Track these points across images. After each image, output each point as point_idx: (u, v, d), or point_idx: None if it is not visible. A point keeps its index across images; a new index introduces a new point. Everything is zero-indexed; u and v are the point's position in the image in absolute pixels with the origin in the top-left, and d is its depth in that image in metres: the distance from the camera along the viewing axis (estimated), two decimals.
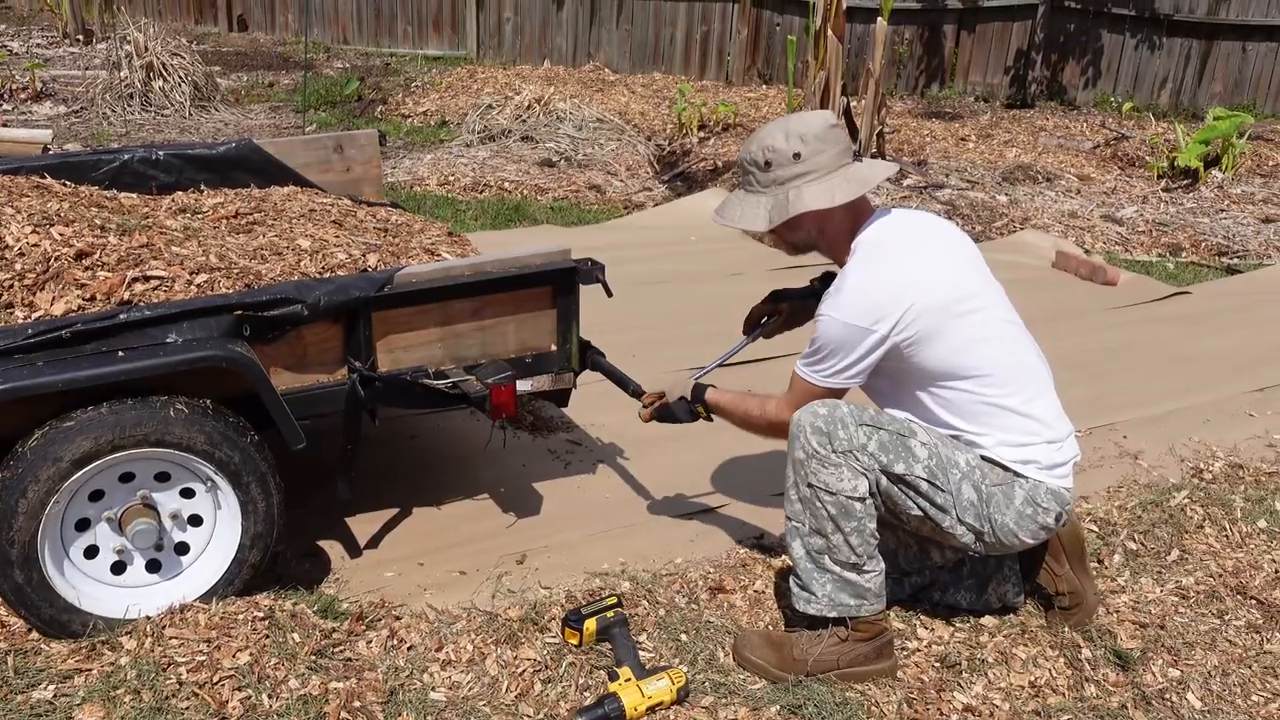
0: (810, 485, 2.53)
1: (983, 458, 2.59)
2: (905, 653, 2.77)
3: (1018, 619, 2.90)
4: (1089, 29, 11.06)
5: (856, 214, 2.63)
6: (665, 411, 2.98)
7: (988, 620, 2.89)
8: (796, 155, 2.54)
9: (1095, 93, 11.22)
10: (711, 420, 2.96)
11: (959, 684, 2.66)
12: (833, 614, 2.61)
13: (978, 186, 7.96)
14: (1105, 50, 11.11)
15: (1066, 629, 2.85)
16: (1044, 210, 7.47)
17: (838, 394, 2.62)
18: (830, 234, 2.64)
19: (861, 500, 2.52)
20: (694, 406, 2.92)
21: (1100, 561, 3.20)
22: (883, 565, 2.62)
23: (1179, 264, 6.58)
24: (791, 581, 2.67)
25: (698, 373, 3.05)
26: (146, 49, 9.37)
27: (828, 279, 2.97)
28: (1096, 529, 3.36)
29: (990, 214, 7.31)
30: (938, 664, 2.73)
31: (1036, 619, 2.91)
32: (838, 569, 2.57)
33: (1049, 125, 10.20)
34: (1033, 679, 2.69)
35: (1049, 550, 2.85)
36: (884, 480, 2.54)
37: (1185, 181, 8.23)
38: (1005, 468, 2.58)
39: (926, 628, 2.86)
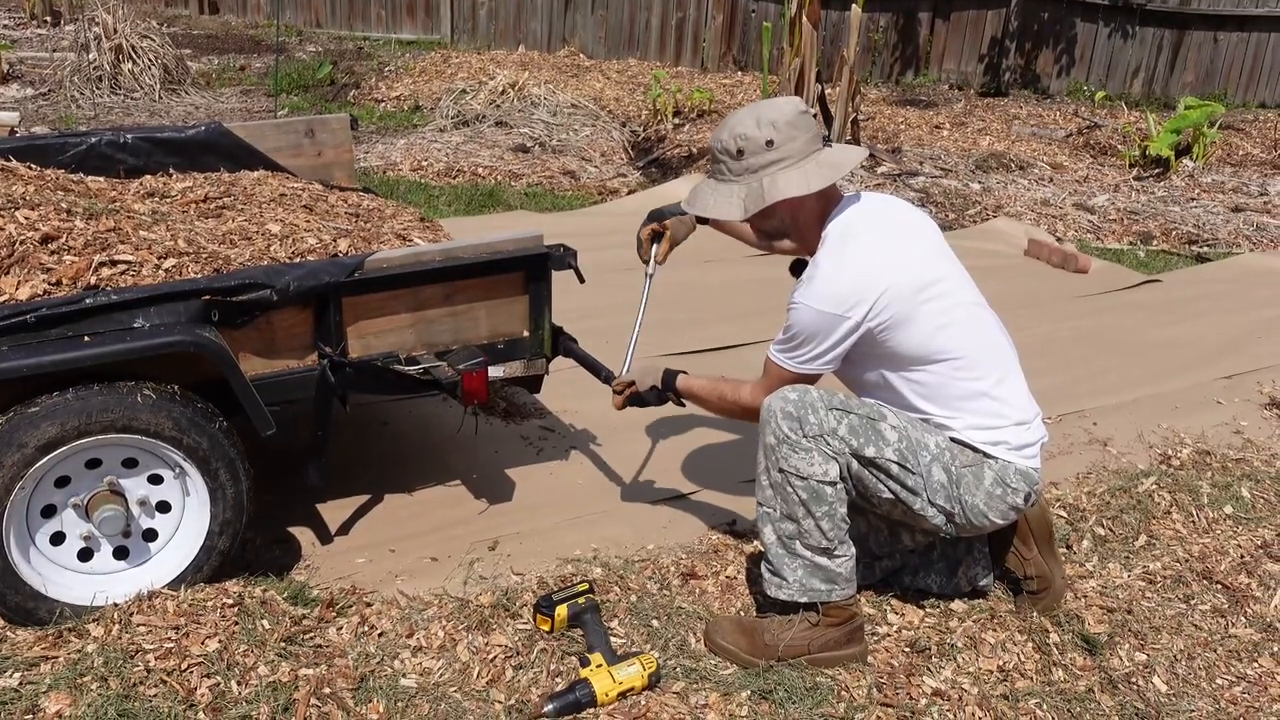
0: (781, 470, 2.54)
1: (953, 439, 2.61)
2: (875, 638, 2.78)
3: (987, 604, 2.92)
4: (1063, 18, 11.11)
5: (827, 201, 2.64)
6: (636, 398, 3.00)
7: (957, 605, 2.91)
8: (769, 142, 2.54)
9: (1068, 81, 11.28)
10: (684, 405, 2.96)
11: (929, 668, 2.68)
12: (804, 599, 2.62)
13: (951, 174, 7.99)
14: (1079, 39, 11.17)
15: (1035, 614, 2.87)
16: (1017, 198, 7.51)
17: (811, 379, 2.63)
18: (802, 221, 2.65)
19: (833, 485, 2.53)
20: (666, 394, 2.93)
21: (1069, 547, 3.23)
22: (854, 550, 2.64)
23: (1150, 252, 6.64)
24: (763, 567, 2.68)
25: (629, 351, 3.11)
26: (115, 31, 9.25)
27: (799, 267, 2.98)
28: (1066, 515, 3.39)
29: (963, 202, 7.35)
30: (908, 649, 2.75)
31: (1005, 604, 2.93)
32: (809, 554, 2.58)
33: (1023, 114, 10.25)
34: (1001, 663, 2.71)
35: (1017, 534, 2.87)
36: (855, 464, 2.55)
37: (1156, 170, 8.29)
38: (975, 449, 2.60)
39: (897, 613, 2.88)
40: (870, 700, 2.56)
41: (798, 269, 2.98)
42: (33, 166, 3.41)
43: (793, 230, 2.68)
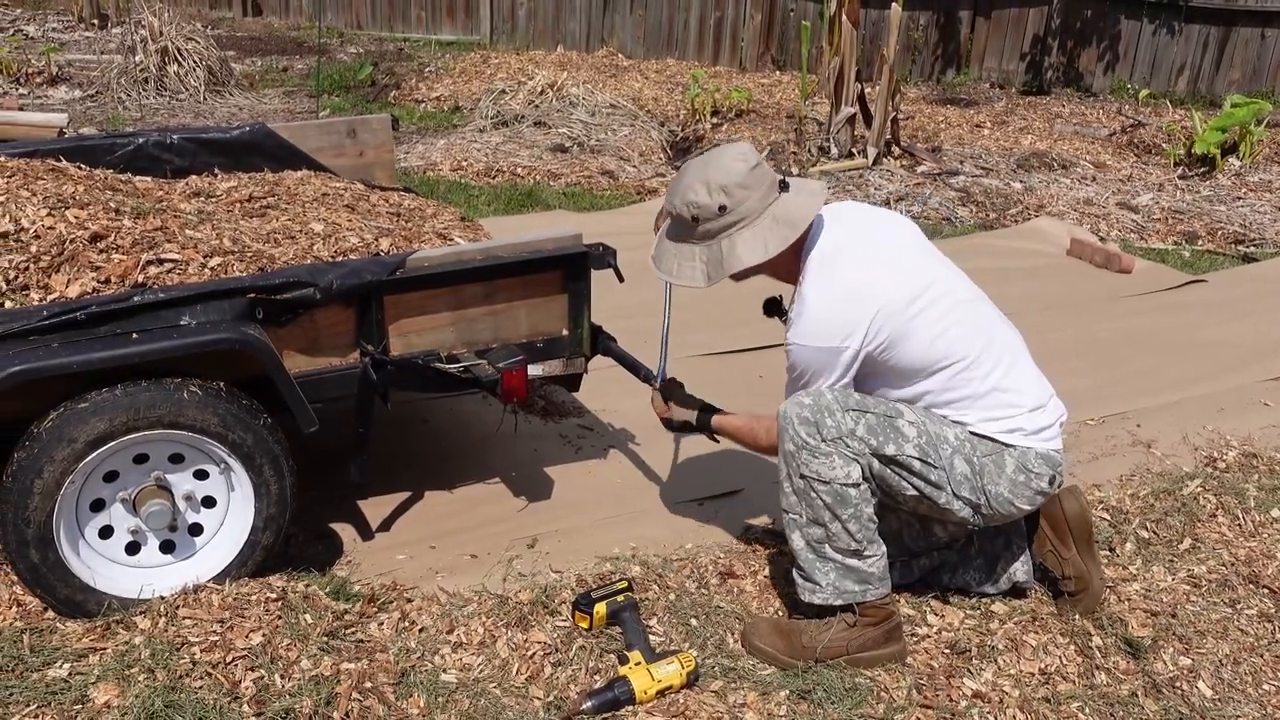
0: (803, 476, 2.54)
1: (970, 433, 2.59)
2: (915, 639, 2.77)
3: (1028, 606, 2.90)
4: (1106, 15, 10.98)
5: (799, 236, 2.58)
6: (668, 423, 3.04)
7: (998, 607, 2.89)
8: (722, 208, 2.51)
9: (1112, 79, 11.14)
10: (717, 442, 3.01)
11: (969, 670, 2.67)
12: (838, 602, 2.61)
13: (992, 173, 7.93)
14: (1122, 36, 11.03)
15: (1077, 616, 2.84)
16: (1059, 197, 7.43)
17: None
18: (776, 265, 2.60)
19: (855, 486, 2.52)
20: (698, 432, 2.97)
21: (1111, 549, 3.19)
22: (884, 549, 2.63)
23: (1195, 252, 6.54)
24: (795, 573, 2.67)
25: (662, 352, 3.10)
26: (161, 34, 9.38)
27: (770, 307, 2.94)
28: (1109, 517, 3.35)
29: (1005, 201, 7.28)
30: (948, 650, 2.73)
31: (1047, 606, 2.90)
32: (839, 556, 2.57)
33: (1065, 112, 10.14)
34: (1043, 666, 2.69)
35: (1056, 533, 2.85)
36: (876, 463, 2.54)
37: (1202, 169, 8.17)
38: (993, 440, 2.59)
39: (936, 614, 2.87)
40: (910, 701, 2.55)
41: (770, 309, 2.95)
42: (82, 167, 3.47)
43: (769, 270, 2.64)
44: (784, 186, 2.57)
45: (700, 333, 4.62)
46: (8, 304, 2.63)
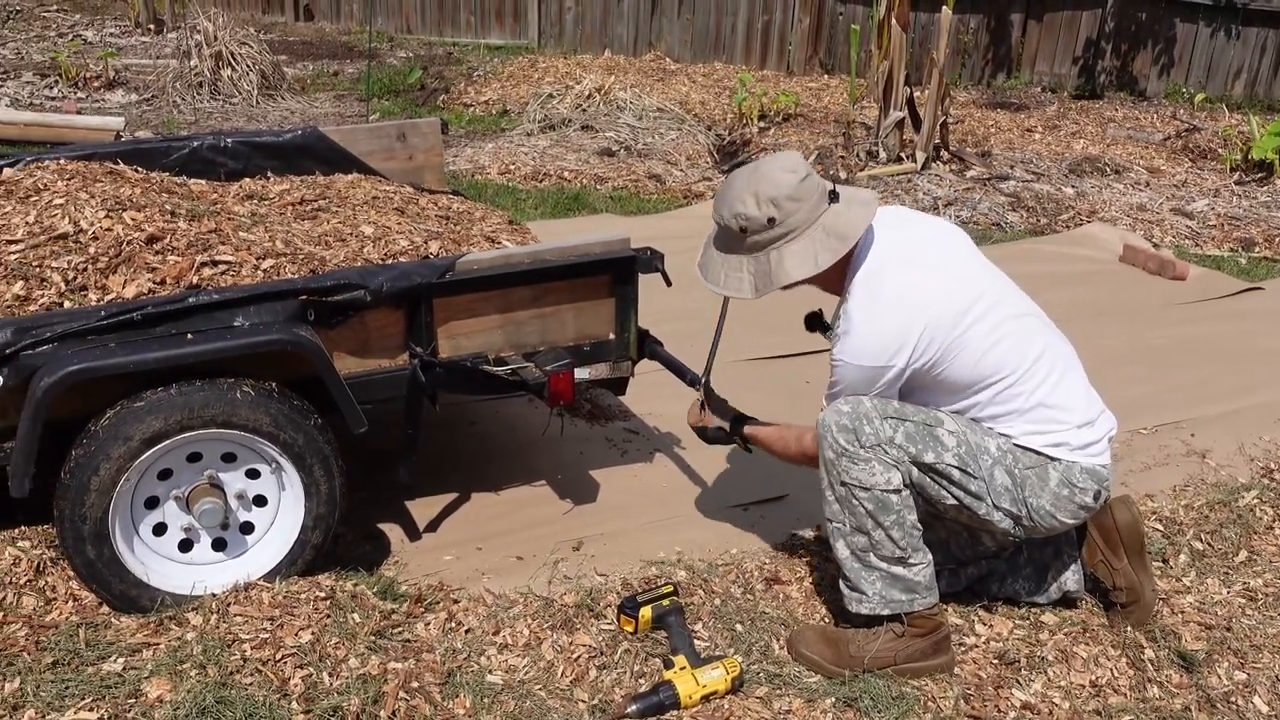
0: (844, 484, 2.52)
1: (1013, 444, 2.56)
2: (963, 649, 2.74)
3: (1078, 617, 2.86)
4: (1161, 18, 10.81)
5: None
6: (701, 432, 3.01)
7: (1048, 617, 2.85)
8: (771, 220, 2.47)
9: (1167, 83, 10.97)
10: (750, 451, 2.96)
11: (1018, 681, 2.64)
12: (885, 611, 2.59)
13: (1043, 178, 7.83)
14: (1178, 40, 10.85)
15: (1129, 629, 2.80)
16: (1112, 203, 7.33)
17: None
18: (822, 278, 2.57)
19: (896, 493, 2.50)
20: (732, 438, 2.93)
21: (1165, 561, 3.14)
22: (930, 557, 2.60)
23: (1251, 259, 6.42)
24: (841, 582, 2.65)
25: (710, 359, 3.07)
26: (215, 38, 9.51)
27: (812, 321, 2.93)
28: (1162, 528, 3.30)
29: (1056, 206, 7.19)
30: (996, 660, 2.70)
31: (1098, 618, 2.86)
32: (884, 565, 2.55)
33: (1118, 116, 10.00)
34: (1094, 678, 2.65)
35: (1107, 543, 2.80)
36: (915, 471, 2.52)
37: (1259, 175, 8.02)
38: (1037, 452, 2.55)
39: (985, 624, 2.83)
40: (957, 712, 2.52)
41: (811, 324, 2.92)
42: (139, 170, 3.54)
43: (815, 281, 2.60)
44: (834, 197, 2.52)
45: (747, 337, 4.60)
46: (66, 304, 2.68)
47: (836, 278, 2.58)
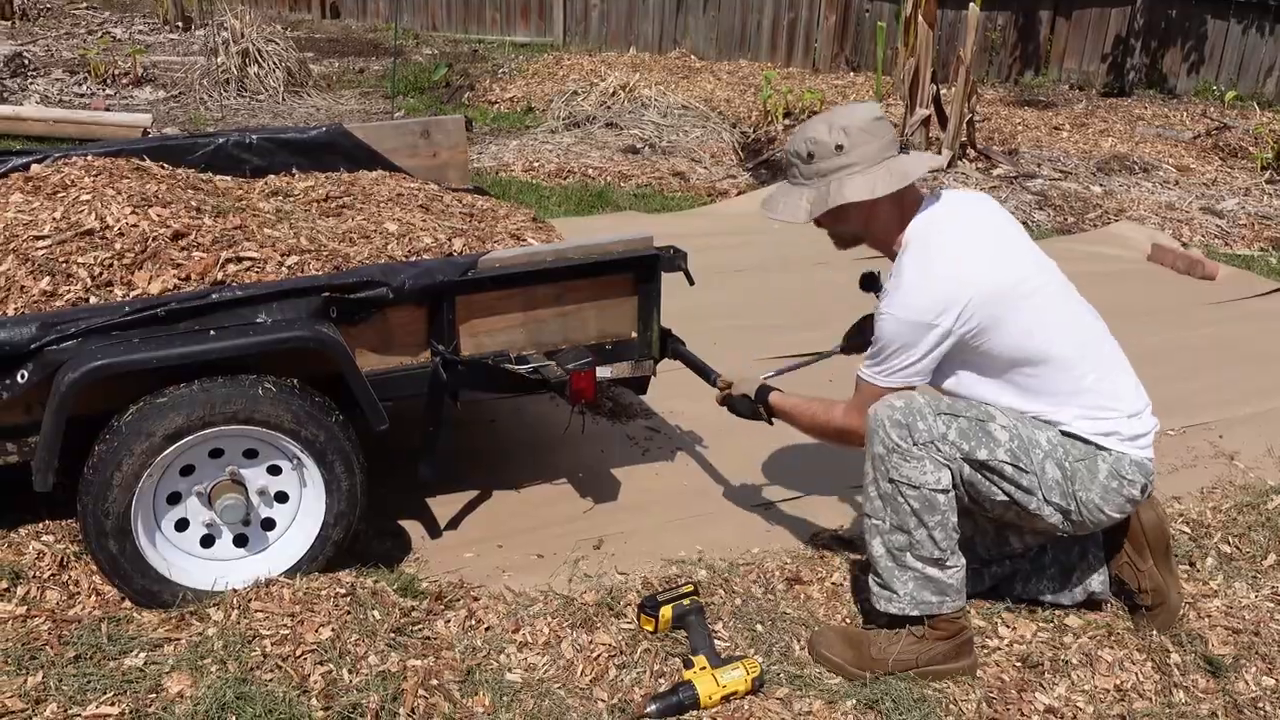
0: (892, 480, 2.49)
1: (1063, 433, 2.53)
2: (986, 651, 2.72)
3: (1103, 620, 2.83)
4: (1192, 15, 10.71)
5: (904, 206, 2.57)
6: (730, 402, 2.97)
7: (1072, 620, 2.82)
8: (839, 147, 2.49)
9: (1197, 81, 10.86)
10: (772, 424, 2.93)
11: (1041, 684, 2.61)
12: (915, 612, 2.56)
13: (1071, 177, 7.76)
14: (1209, 37, 10.74)
15: (1155, 632, 2.77)
16: (1140, 201, 7.26)
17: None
18: (877, 227, 2.59)
19: (945, 492, 2.48)
20: (757, 406, 2.90)
21: (1191, 564, 3.10)
22: (963, 560, 2.58)
23: None
24: (871, 580, 2.63)
25: (768, 371, 3.03)
26: (242, 36, 9.57)
27: (868, 281, 2.93)
28: (1189, 530, 3.26)
29: (1084, 205, 7.13)
30: (1019, 663, 2.68)
31: (1123, 621, 2.83)
32: (920, 565, 2.53)
33: (1147, 114, 9.90)
34: (1118, 682, 2.62)
35: (1133, 545, 2.77)
36: (967, 469, 2.49)
37: None
38: (1086, 441, 2.53)
39: (1008, 626, 2.81)
40: (979, 715, 2.50)
41: (867, 283, 2.92)
42: (165, 166, 3.55)
43: (868, 236, 2.63)
44: (904, 149, 2.57)
45: (774, 335, 4.58)
46: (92, 299, 2.70)
47: (891, 234, 2.59)
